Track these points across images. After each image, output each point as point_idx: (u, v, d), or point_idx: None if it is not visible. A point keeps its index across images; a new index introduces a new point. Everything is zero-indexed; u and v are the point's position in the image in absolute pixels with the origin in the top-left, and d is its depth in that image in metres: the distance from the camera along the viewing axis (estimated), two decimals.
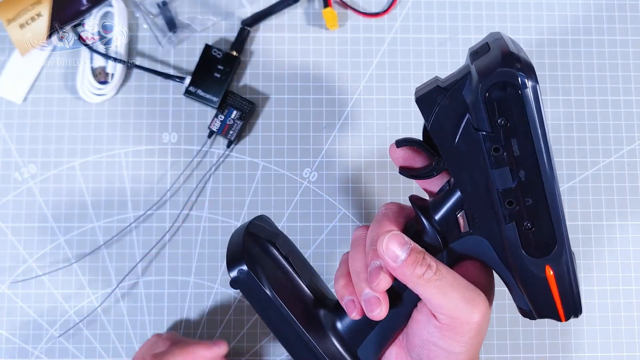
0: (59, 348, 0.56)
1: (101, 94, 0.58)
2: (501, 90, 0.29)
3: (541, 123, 0.29)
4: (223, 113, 0.58)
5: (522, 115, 0.29)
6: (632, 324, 0.58)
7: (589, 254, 0.58)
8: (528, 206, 0.30)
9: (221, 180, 0.58)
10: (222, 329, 0.57)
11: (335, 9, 0.60)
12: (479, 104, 0.29)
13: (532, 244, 0.31)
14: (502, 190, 0.30)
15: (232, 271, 0.36)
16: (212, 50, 0.58)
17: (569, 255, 0.31)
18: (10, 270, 0.57)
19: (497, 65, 0.29)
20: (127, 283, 0.57)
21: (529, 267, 0.31)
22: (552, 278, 0.31)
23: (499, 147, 0.29)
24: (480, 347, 0.34)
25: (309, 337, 0.36)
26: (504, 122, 0.29)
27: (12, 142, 0.59)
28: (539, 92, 0.29)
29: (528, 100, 0.28)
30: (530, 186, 0.30)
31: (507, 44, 0.30)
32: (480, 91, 0.29)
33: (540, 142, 0.29)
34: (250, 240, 0.38)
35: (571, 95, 0.60)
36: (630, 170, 0.59)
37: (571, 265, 0.31)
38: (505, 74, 0.28)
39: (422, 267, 0.31)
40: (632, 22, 0.61)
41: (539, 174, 0.30)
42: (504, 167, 0.30)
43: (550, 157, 0.29)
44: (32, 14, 0.57)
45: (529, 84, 0.28)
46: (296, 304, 0.37)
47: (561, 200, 0.30)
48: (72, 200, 0.58)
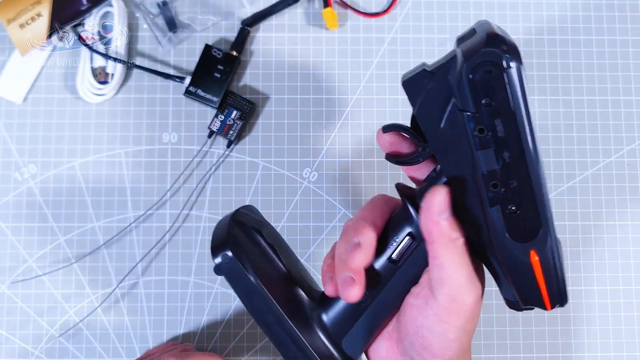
0: (59, 348, 0.56)
1: (101, 94, 0.58)
2: (486, 71, 0.29)
3: (525, 104, 0.29)
4: (223, 113, 0.58)
5: (506, 96, 0.29)
6: (632, 324, 0.58)
7: (589, 254, 0.58)
8: (512, 189, 0.30)
9: (221, 180, 0.59)
10: (222, 329, 0.57)
11: (335, 9, 0.60)
12: (463, 84, 0.29)
13: (517, 228, 0.31)
14: (487, 172, 0.30)
15: (216, 257, 0.36)
16: (212, 50, 0.58)
17: (554, 240, 0.31)
18: (10, 270, 0.57)
19: (482, 46, 0.29)
20: (127, 283, 0.57)
21: (514, 252, 0.31)
22: (537, 263, 0.31)
23: (483, 128, 0.30)
24: (471, 338, 0.34)
25: (292, 326, 0.35)
26: (488, 102, 0.29)
27: (12, 142, 0.59)
28: (524, 73, 0.29)
29: (512, 81, 0.29)
30: (515, 168, 0.30)
31: (492, 27, 0.30)
32: (464, 71, 0.29)
33: (525, 123, 0.29)
34: (235, 227, 0.37)
35: (571, 95, 0.60)
36: (630, 170, 0.59)
37: (557, 251, 0.31)
38: (490, 53, 0.29)
39: (457, 233, 0.32)
40: (632, 22, 0.61)
41: (523, 156, 0.30)
42: (488, 149, 0.30)
43: (534, 138, 0.29)
44: (32, 14, 0.57)
45: (513, 64, 0.28)
46: (280, 292, 0.36)
47: (546, 183, 0.30)
48: (72, 200, 0.58)
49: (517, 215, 0.31)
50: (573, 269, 0.58)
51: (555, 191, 0.59)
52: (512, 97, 0.29)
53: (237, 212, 0.39)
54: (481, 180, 0.30)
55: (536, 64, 0.61)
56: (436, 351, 0.33)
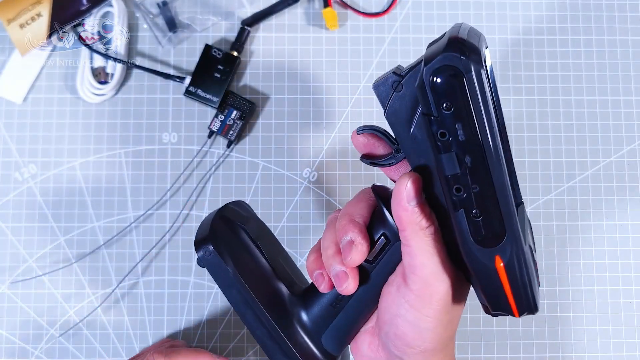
0: (59, 348, 0.56)
1: (101, 94, 0.58)
2: (445, 75, 0.29)
3: (486, 108, 0.28)
4: (223, 113, 0.58)
5: (466, 100, 0.29)
6: (632, 324, 0.58)
7: (589, 254, 0.58)
8: (475, 194, 0.30)
9: (221, 180, 0.59)
10: (222, 329, 0.57)
11: (335, 9, 0.60)
12: (424, 88, 0.29)
13: (482, 233, 0.30)
14: (450, 176, 0.30)
15: (198, 250, 0.37)
16: (212, 50, 0.58)
17: (521, 247, 0.30)
18: (10, 270, 0.57)
19: (441, 50, 0.29)
20: (127, 283, 0.57)
21: (479, 257, 0.31)
22: (502, 269, 0.31)
23: (445, 132, 0.29)
24: (449, 332, 0.33)
25: (269, 319, 0.36)
26: (448, 106, 0.29)
27: (12, 142, 0.59)
28: (484, 76, 0.28)
29: (472, 85, 0.28)
30: (477, 172, 0.30)
31: (457, 31, 0.30)
32: (425, 75, 0.29)
33: (485, 127, 0.29)
34: (219, 221, 0.39)
35: (571, 96, 0.60)
36: (630, 170, 0.59)
37: (523, 257, 0.30)
38: (448, 58, 0.28)
39: (429, 221, 0.32)
40: (632, 22, 0.61)
41: (485, 161, 0.29)
42: (450, 152, 0.30)
43: (496, 143, 0.29)
44: (32, 14, 0.57)
45: (472, 68, 0.28)
46: (260, 286, 0.37)
47: (510, 189, 0.30)
48: (72, 200, 0.58)
49: (481, 220, 0.30)
50: (573, 269, 0.58)
51: (555, 191, 0.59)
52: (472, 101, 0.29)
53: (223, 208, 0.40)
54: (445, 184, 0.30)
55: (536, 64, 0.61)
56: (410, 341, 0.33)
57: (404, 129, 0.31)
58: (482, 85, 0.28)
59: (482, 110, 0.29)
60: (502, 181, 0.29)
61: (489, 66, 0.32)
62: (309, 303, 0.37)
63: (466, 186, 0.30)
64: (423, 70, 0.29)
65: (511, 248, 0.30)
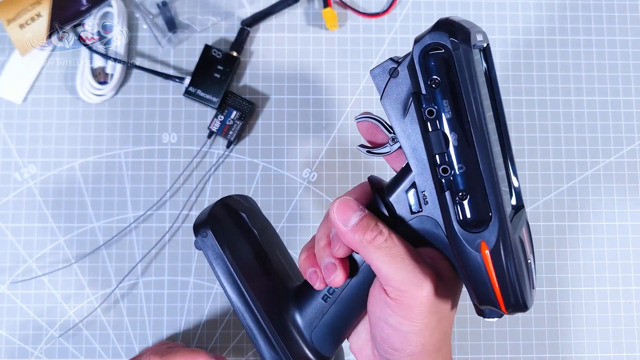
0: (58, 348, 0.56)
1: (101, 94, 0.58)
2: (434, 53, 0.29)
3: (472, 85, 0.29)
4: (223, 113, 0.58)
5: (454, 77, 0.29)
6: (632, 325, 0.58)
7: (588, 255, 0.58)
8: (461, 173, 0.30)
9: (221, 181, 0.58)
10: (222, 329, 0.57)
11: (335, 9, 0.60)
12: (414, 66, 0.30)
13: (468, 217, 0.30)
14: (437, 154, 0.30)
15: (196, 233, 0.37)
16: (212, 50, 0.58)
17: (508, 233, 0.29)
18: (10, 271, 0.57)
19: (430, 29, 0.30)
20: (127, 283, 0.57)
21: (464, 242, 0.30)
22: (488, 257, 0.29)
23: (433, 110, 0.30)
24: (439, 334, 0.32)
25: (260, 309, 0.36)
26: (436, 82, 0.29)
27: (12, 142, 0.59)
28: (472, 55, 0.29)
29: (459, 61, 0.29)
30: (463, 151, 0.29)
31: (449, 16, 0.31)
32: (414, 53, 0.30)
33: (472, 104, 0.29)
34: (220, 207, 0.39)
35: (571, 96, 0.60)
36: (630, 171, 0.59)
37: (510, 245, 0.29)
38: (437, 35, 0.29)
39: (372, 233, 0.31)
40: (631, 23, 0.61)
41: (471, 139, 0.29)
42: (437, 131, 0.30)
43: (482, 121, 0.29)
44: (32, 14, 0.57)
45: (459, 45, 0.29)
46: (253, 274, 0.37)
47: (496, 170, 0.29)
48: (72, 200, 0.58)
49: (467, 203, 0.30)
50: (573, 270, 0.58)
51: (555, 191, 0.59)
52: (459, 78, 0.29)
53: (228, 197, 0.40)
54: (432, 165, 0.30)
55: (536, 64, 0.61)
56: (396, 344, 0.32)
57: (398, 114, 0.31)
58: (470, 63, 0.29)
59: (469, 87, 0.29)
60: (488, 161, 0.29)
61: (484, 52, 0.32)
62: (301, 297, 0.37)
63: (452, 166, 0.30)
64: (413, 49, 0.30)
65: (497, 233, 0.29)
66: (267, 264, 0.39)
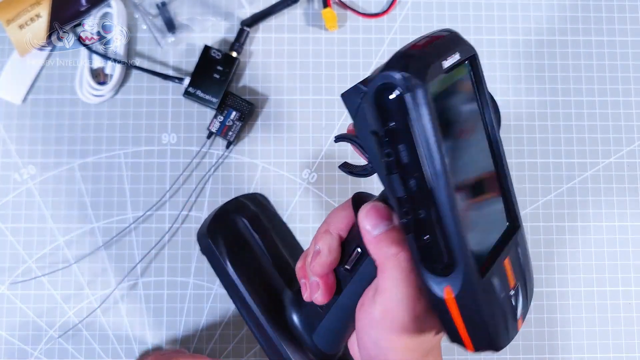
0: (58, 349, 0.56)
1: (100, 94, 0.58)
2: (386, 93, 0.27)
3: (429, 129, 0.26)
4: (222, 114, 0.58)
5: (405, 120, 0.27)
6: (632, 325, 0.58)
7: (588, 255, 0.58)
8: (422, 219, 0.28)
9: (220, 182, 0.58)
10: (222, 330, 0.57)
11: (335, 9, 0.60)
12: (370, 107, 0.28)
13: (432, 260, 0.28)
14: (397, 198, 0.28)
15: (199, 242, 0.38)
16: (212, 51, 0.58)
17: (475, 280, 0.27)
18: (9, 271, 0.57)
19: (383, 67, 0.27)
20: (126, 284, 0.57)
21: (429, 285, 0.28)
22: (453, 302, 0.28)
23: (391, 152, 0.28)
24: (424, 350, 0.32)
25: (260, 313, 0.37)
26: (392, 126, 0.27)
27: (12, 142, 0.59)
28: (425, 96, 0.26)
29: (409, 105, 0.26)
30: (421, 198, 0.27)
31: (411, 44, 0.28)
32: (368, 92, 0.27)
33: (428, 150, 0.26)
34: (221, 214, 0.39)
35: (570, 97, 0.60)
36: (630, 172, 0.59)
37: (480, 291, 0.28)
38: (386, 76, 0.27)
39: (398, 248, 0.30)
40: (631, 24, 0.61)
41: (432, 185, 0.27)
42: (395, 174, 0.28)
43: (438, 168, 0.26)
44: (32, 14, 0.57)
45: (412, 87, 0.26)
46: (255, 279, 0.38)
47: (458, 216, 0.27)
48: (72, 201, 0.58)
49: (431, 247, 0.28)
50: (572, 271, 0.58)
51: (554, 192, 0.59)
52: (411, 122, 0.26)
53: (231, 200, 0.40)
54: (395, 206, 0.28)
55: (536, 65, 0.61)
56: (373, 355, 0.31)
57: (370, 141, 0.29)
58: (423, 105, 0.26)
59: (424, 133, 0.26)
60: (448, 210, 0.27)
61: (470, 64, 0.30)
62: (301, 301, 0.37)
63: (413, 210, 0.28)
64: (368, 89, 0.27)
65: (462, 281, 0.27)
66: (269, 267, 0.39)
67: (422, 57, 0.27)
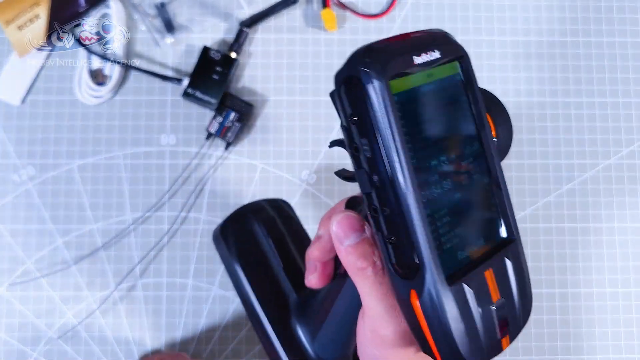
0: (57, 350, 0.56)
1: (99, 95, 0.58)
2: (348, 85, 0.26)
3: (390, 123, 0.25)
4: (221, 115, 0.58)
5: (367, 114, 0.26)
6: (631, 326, 0.58)
7: (587, 256, 0.58)
8: (387, 216, 0.27)
9: (219, 183, 0.58)
10: (221, 331, 0.57)
11: (334, 10, 0.60)
12: (337, 100, 0.27)
13: (399, 262, 0.27)
14: (365, 194, 0.27)
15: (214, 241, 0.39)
16: (211, 51, 0.58)
17: (438, 286, 0.26)
18: (8, 272, 0.57)
19: (346, 61, 0.26)
20: (126, 285, 0.57)
21: (397, 287, 0.27)
22: (418, 308, 0.26)
23: (357, 146, 0.27)
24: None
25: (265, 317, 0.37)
26: (356, 119, 0.26)
27: (11, 143, 0.59)
28: (384, 88, 0.25)
29: (370, 97, 0.25)
30: (385, 194, 0.26)
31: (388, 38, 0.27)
32: (335, 86, 0.27)
33: (389, 144, 0.25)
34: (239, 216, 0.40)
35: (570, 97, 0.60)
36: (629, 172, 0.59)
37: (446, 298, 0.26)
38: (349, 67, 0.26)
39: (365, 262, 0.29)
40: (630, 24, 0.61)
41: (391, 182, 0.26)
42: (362, 169, 0.27)
43: (402, 163, 0.25)
44: (31, 15, 0.57)
45: (370, 78, 0.25)
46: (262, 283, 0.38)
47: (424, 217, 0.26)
48: (71, 202, 0.58)
49: (397, 247, 0.27)
50: (572, 272, 0.58)
51: (554, 193, 0.59)
52: (372, 114, 0.26)
53: (250, 203, 0.41)
54: (365, 203, 0.27)
55: (535, 66, 0.60)
56: None
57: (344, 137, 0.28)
58: (382, 98, 0.25)
59: (384, 124, 0.25)
60: (410, 208, 0.26)
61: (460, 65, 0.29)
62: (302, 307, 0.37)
63: (378, 208, 0.27)
64: (335, 81, 0.27)
65: (425, 284, 0.26)
66: (278, 272, 0.39)
67: (388, 49, 0.26)
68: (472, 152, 0.29)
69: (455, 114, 0.29)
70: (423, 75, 0.27)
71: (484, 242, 0.29)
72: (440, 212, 0.27)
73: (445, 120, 0.29)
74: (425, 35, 0.28)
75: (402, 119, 0.26)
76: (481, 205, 0.29)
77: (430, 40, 0.28)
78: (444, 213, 0.27)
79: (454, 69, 0.29)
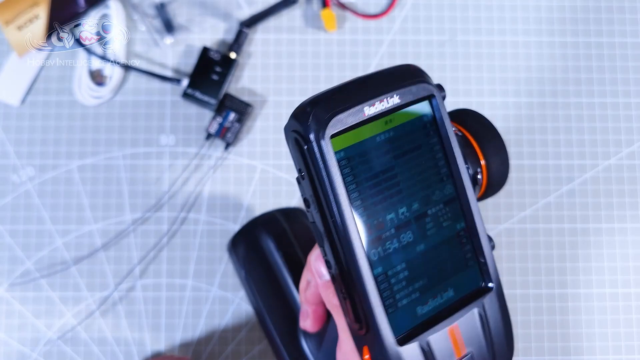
0: (56, 351, 0.56)
1: (98, 96, 0.58)
2: (293, 140, 0.25)
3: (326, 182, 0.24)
4: (221, 115, 0.58)
5: (309, 171, 0.25)
6: (631, 327, 0.58)
7: (587, 257, 0.58)
8: (337, 274, 0.26)
9: (219, 183, 0.58)
10: (221, 332, 0.57)
11: (334, 10, 0.60)
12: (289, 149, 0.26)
13: (356, 315, 0.26)
14: (320, 247, 0.27)
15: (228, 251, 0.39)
16: (210, 52, 0.58)
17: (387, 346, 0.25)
18: (8, 273, 0.57)
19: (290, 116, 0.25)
20: (125, 286, 0.57)
21: (354, 340, 0.27)
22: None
23: (307, 200, 0.26)
24: None
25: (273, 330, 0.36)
26: (303, 174, 0.26)
27: (10, 144, 0.59)
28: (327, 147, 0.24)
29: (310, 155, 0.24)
30: (331, 251, 0.25)
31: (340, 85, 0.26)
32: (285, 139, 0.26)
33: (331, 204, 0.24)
34: (249, 228, 0.39)
35: (570, 98, 0.60)
36: (629, 173, 0.59)
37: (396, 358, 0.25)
38: (293, 124, 0.25)
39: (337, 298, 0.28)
40: (630, 25, 0.61)
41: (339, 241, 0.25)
42: (313, 222, 0.26)
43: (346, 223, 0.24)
44: (30, 15, 0.57)
45: (311, 136, 0.24)
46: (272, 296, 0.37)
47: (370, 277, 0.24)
48: (70, 202, 0.58)
49: (349, 303, 0.26)
50: (572, 272, 0.58)
51: (554, 193, 0.59)
52: (313, 173, 0.25)
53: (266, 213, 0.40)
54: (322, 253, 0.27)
55: (535, 67, 0.60)
56: None
57: None
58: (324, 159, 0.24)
59: (326, 187, 0.24)
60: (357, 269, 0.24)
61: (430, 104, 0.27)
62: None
63: (331, 263, 0.26)
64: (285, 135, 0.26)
65: (376, 345, 0.25)
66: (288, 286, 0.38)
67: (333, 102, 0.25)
68: (442, 197, 0.27)
69: (421, 159, 0.27)
70: (379, 123, 0.26)
71: (453, 293, 0.27)
72: (396, 268, 0.26)
73: (407, 169, 0.27)
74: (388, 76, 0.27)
75: (350, 175, 0.24)
76: (451, 254, 0.28)
77: (391, 83, 0.26)
78: (400, 269, 0.26)
79: (421, 111, 0.27)
